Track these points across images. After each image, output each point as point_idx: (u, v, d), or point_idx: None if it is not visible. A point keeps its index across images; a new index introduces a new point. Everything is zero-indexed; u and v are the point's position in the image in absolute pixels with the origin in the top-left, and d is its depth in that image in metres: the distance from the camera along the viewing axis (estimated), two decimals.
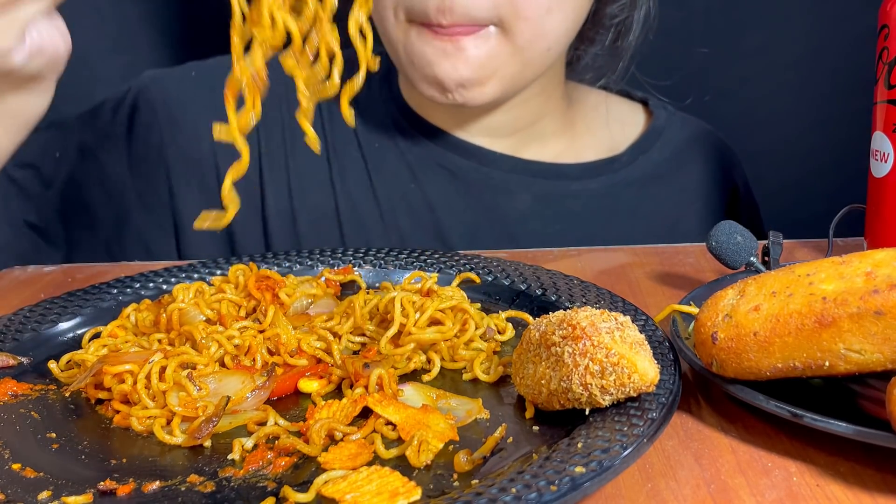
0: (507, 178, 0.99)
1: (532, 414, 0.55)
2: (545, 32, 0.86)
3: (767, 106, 1.27)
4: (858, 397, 0.54)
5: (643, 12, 0.97)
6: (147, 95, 1.02)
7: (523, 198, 1.00)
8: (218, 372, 0.60)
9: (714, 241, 0.73)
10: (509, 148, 1.01)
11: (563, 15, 0.87)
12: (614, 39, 0.99)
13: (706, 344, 0.55)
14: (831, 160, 1.22)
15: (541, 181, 1.00)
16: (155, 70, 1.05)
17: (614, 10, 0.97)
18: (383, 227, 1.00)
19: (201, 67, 1.04)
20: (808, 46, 1.24)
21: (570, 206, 1.00)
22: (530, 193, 1.00)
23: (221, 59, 1.04)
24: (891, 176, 0.74)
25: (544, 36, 0.86)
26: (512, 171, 1.00)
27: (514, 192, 1.00)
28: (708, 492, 0.48)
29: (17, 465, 0.52)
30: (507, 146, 1.01)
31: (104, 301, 0.74)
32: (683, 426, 0.55)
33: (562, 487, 0.44)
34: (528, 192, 1.00)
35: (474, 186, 0.99)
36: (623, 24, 0.98)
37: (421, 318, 0.64)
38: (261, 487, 0.49)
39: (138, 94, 1.02)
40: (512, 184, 0.99)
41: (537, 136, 1.02)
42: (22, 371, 0.65)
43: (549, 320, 0.55)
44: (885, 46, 0.73)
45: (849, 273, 0.51)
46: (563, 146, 1.03)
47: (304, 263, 0.81)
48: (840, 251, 0.76)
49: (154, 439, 0.55)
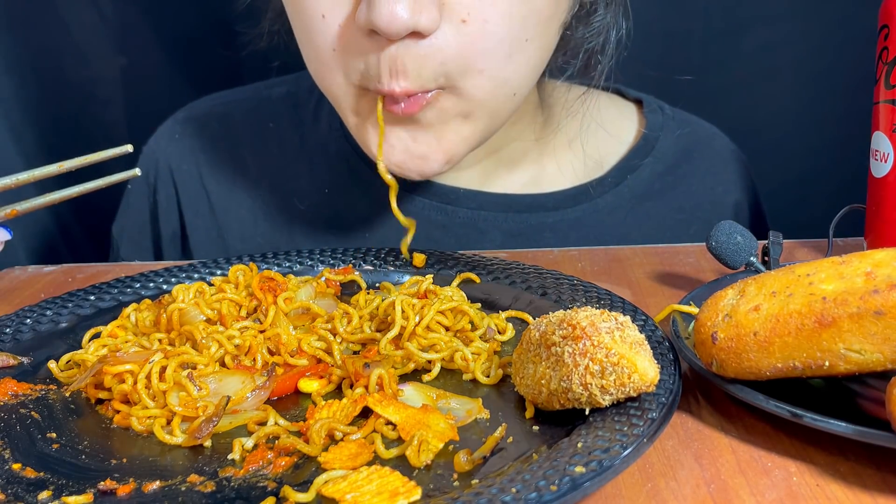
0: (473, 215, 0.91)
1: (532, 414, 0.55)
2: (506, 81, 0.74)
3: (767, 106, 1.27)
4: (858, 397, 0.54)
5: (618, 31, 0.85)
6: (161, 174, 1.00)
7: (494, 236, 0.92)
8: (218, 372, 0.60)
9: (714, 241, 0.73)
10: (475, 180, 0.92)
11: (526, 57, 0.75)
12: (584, 65, 0.86)
13: (706, 344, 0.55)
14: (831, 160, 1.22)
15: (512, 216, 0.92)
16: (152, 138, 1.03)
17: (584, 36, 0.84)
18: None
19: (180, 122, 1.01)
20: (808, 46, 1.24)
21: (546, 239, 0.92)
22: (501, 231, 0.92)
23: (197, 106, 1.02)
24: (891, 176, 0.74)
25: (506, 84, 0.75)
26: (479, 208, 0.91)
27: (483, 230, 0.92)
28: (708, 492, 0.48)
29: (17, 465, 0.52)
30: (472, 178, 0.92)
31: (104, 301, 0.74)
32: (683, 426, 0.55)
33: (562, 487, 0.44)
34: (499, 229, 0.92)
35: (438, 230, 0.92)
36: (594, 49, 0.85)
37: (421, 324, 0.64)
38: (261, 487, 0.49)
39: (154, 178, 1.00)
40: (479, 221, 0.91)
41: (505, 161, 0.93)
42: (22, 371, 0.65)
43: (549, 320, 0.55)
44: (885, 46, 0.73)
45: (849, 273, 0.52)
46: (536, 171, 0.94)
47: (304, 263, 0.81)
48: (840, 251, 0.76)
49: (154, 439, 0.55)
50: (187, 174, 0.98)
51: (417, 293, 0.69)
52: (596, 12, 0.82)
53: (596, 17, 0.83)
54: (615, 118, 0.96)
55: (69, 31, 1.19)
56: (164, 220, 0.99)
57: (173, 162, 0.99)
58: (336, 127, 0.95)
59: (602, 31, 0.84)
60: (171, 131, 1.01)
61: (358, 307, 0.69)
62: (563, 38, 0.81)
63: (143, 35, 1.22)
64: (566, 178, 0.94)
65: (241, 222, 0.96)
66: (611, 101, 0.98)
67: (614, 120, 0.96)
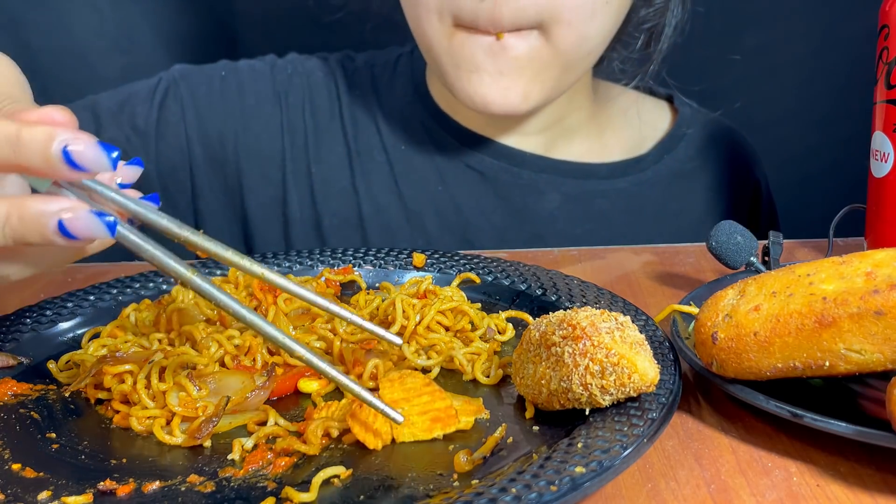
0: (536, 178, 0.99)
1: (532, 414, 0.55)
2: (588, 37, 0.86)
3: (767, 106, 1.27)
4: (858, 397, 0.54)
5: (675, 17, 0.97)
6: (176, 91, 1.01)
7: (553, 197, 1.00)
8: (218, 372, 0.60)
9: (714, 241, 0.73)
10: (538, 146, 1.01)
11: (605, 19, 0.86)
12: (646, 44, 0.98)
13: (706, 344, 0.55)
14: (831, 160, 1.22)
15: (570, 181, 1.00)
16: (185, 65, 1.05)
17: (646, 15, 0.96)
18: (409, 231, 1.00)
19: (231, 69, 1.04)
20: (808, 46, 1.24)
21: (598, 205, 1.01)
22: (560, 193, 1.00)
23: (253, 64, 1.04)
24: (891, 176, 0.74)
25: (587, 40, 0.86)
26: (542, 171, 1.00)
27: (544, 192, 1.00)
28: (708, 492, 0.48)
29: (17, 465, 0.52)
30: (536, 145, 1.01)
31: (104, 301, 0.74)
32: (683, 426, 0.55)
33: (562, 487, 0.44)
34: (558, 191, 1.00)
35: (504, 187, 0.99)
36: (654, 29, 0.97)
37: (422, 324, 0.64)
38: (261, 487, 0.49)
39: (168, 89, 1.02)
40: (542, 184, 1.00)
41: (565, 132, 1.02)
42: (22, 371, 0.64)
43: (549, 320, 0.55)
44: (886, 46, 0.73)
45: (849, 273, 0.52)
46: (590, 144, 1.03)
47: (304, 263, 0.81)
48: (840, 251, 0.76)
49: (154, 439, 0.55)
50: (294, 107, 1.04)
51: (417, 293, 0.69)
52: None
53: None
54: (652, 110, 1.07)
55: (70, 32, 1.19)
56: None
57: (291, 91, 1.04)
58: (409, 93, 1.03)
59: (662, 12, 0.96)
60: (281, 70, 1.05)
61: (358, 307, 0.69)
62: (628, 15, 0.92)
63: (144, 34, 1.23)
64: (614, 153, 1.04)
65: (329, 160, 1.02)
66: (647, 97, 1.09)
67: (652, 109, 1.07)
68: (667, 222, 1.02)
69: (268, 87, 1.03)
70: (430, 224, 1.00)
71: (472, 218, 0.99)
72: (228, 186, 1.02)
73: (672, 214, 1.03)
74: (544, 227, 0.99)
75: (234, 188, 1.02)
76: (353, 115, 1.02)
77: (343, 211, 1.01)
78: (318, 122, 1.02)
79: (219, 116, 1.01)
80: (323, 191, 1.01)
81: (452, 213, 1.00)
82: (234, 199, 1.03)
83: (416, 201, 1.00)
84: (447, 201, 1.00)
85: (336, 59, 1.07)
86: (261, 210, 1.02)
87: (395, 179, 1.00)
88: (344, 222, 1.01)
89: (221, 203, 1.03)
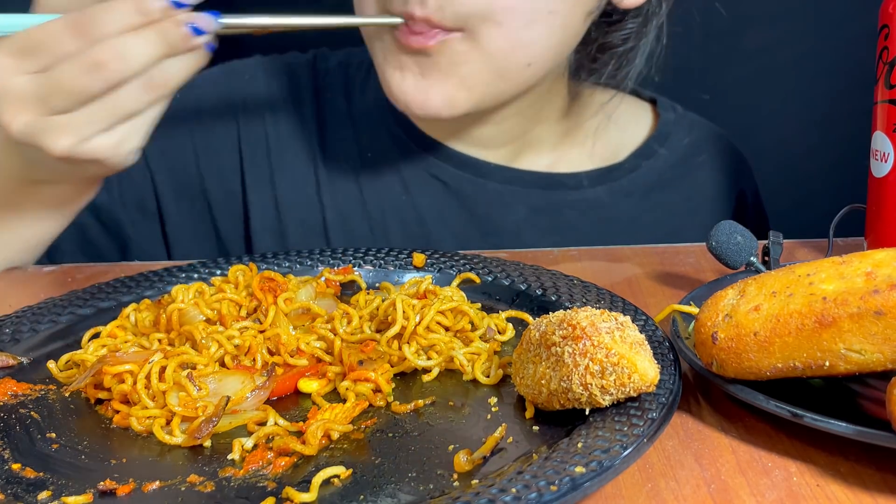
0: (501, 189, 0.97)
1: (532, 414, 0.55)
2: (524, 45, 0.81)
3: (767, 106, 1.27)
4: (858, 397, 0.54)
5: (646, 46, 0.92)
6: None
7: (518, 209, 0.97)
8: (218, 372, 0.60)
9: (714, 241, 0.73)
10: (504, 158, 0.98)
11: (547, 30, 0.81)
12: (614, 71, 0.94)
13: (706, 344, 0.55)
14: (831, 160, 1.22)
15: (536, 192, 0.97)
16: None
17: (614, 39, 0.91)
18: (373, 241, 0.98)
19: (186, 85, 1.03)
20: (808, 46, 1.24)
21: (566, 216, 0.98)
22: (525, 205, 0.97)
23: (211, 73, 1.01)
24: (891, 176, 0.74)
25: (523, 48, 0.81)
26: (507, 182, 0.97)
27: (509, 203, 0.97)
28: (708, 492, 0.48)
29: (17, 466, 0.52)
30: (502, 156, 0.98)
31: (104, 301, 0.74)
32: (683, 426, 0.55)
33: (562, 487, 0.44)
34: (524, 203, 0.97)
35: (468, 198, 0.97)
36: (625, 57, 0.93)
37: (422, 324, 0.64)
38: (261, 487, 0.49)
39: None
40: (507, 195, 0.97)
41: (533, 143, 0.99)
42: (22, 371, 0.65)
43: (549, 320, 0.55)
44: (886, 46, 0.73)
45: (849, 273, 0.52)
46: (560, 153, 1.00)
47: (304, 263, 0.81)
48: (840, 251, 0.76)
49: (154, 439, 0.55)
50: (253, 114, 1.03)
51: (417, 293, 0.69)
52: (623, 21, 0.90)
53: (625, 24, 0.90)
54: (632, 113, 1.03)
55: None
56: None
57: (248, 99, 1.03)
58: (381, 97, 0.99)
59: (630, 39, 0.91)
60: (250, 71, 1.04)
61: (358, 307, 0.69)
62: (591, 36, 0.89)
63: None
64: (586, 163, 1.00)
65: (294, 168, 1.01)
66: (629, 99, 1.04)
67: (632, 115, 1.03)
68: (641, 233, 0.97)
69: (223, 98, 1.01)
70: (393, 233, 0.98)
71: (435, 228, 0.97)
72: (196, 210, 1.01)
73: (646, 225, 0.99)
74: (509, 240, 0.96)
75: (202, 210, 1.01)
76: (320, 120, 1.00)
77: (307, 220, 0.99)
78: (280, 129, 1.00)
79: (177, 142, 0.99)
80: (286, 200, 0.99)
81: (415, 222, 0.98)
82: (203, 215, 1.02)
83: (380, 211, 0.98)
84: (410, 211, 0.98)
85: (307, 59, 1.04)
86: (228, 222, 1.01)
87: (359, 187, 0.98)
88: (308, 232, 0.99)
89: (192, 222, 1.02)
